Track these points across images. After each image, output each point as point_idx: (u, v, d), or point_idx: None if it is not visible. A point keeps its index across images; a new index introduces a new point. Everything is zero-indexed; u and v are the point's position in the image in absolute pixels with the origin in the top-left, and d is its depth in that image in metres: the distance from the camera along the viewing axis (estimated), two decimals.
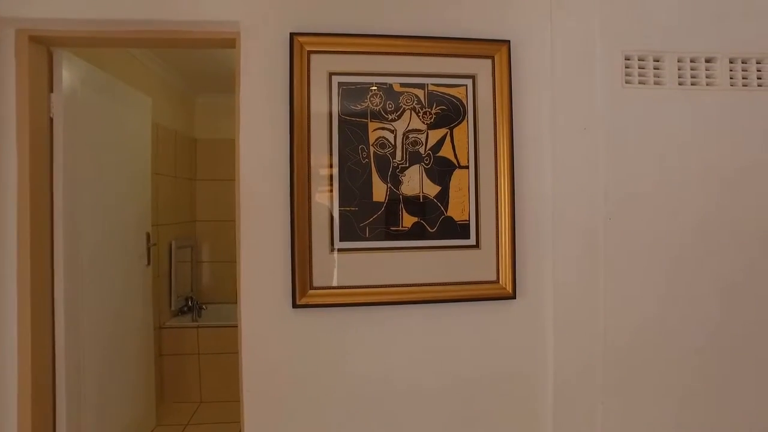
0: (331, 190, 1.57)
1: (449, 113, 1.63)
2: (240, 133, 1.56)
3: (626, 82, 1.68)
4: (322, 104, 1.57)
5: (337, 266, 1.57)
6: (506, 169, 1.63)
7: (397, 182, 1.60)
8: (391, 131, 1.60)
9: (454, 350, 1.64)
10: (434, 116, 1.62)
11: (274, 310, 1.56)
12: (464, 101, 1.63)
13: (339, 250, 1.57)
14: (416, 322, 1.62)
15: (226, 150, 3.97)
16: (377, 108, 1.60)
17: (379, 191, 1.60)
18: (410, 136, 1.61)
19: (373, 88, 1.59)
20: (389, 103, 1.60)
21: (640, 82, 1.69)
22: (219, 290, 3.99)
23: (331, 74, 1.58)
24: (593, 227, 1.66)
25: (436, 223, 1.62)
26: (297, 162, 1.54)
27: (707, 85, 1.73)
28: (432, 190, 1.62)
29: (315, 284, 1.56)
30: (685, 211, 1.70)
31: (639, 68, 1.70)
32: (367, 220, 1.59)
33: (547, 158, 1.67)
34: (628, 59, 1.69)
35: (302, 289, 1.54)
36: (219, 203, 4.02)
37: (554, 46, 1.67)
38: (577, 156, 1.66)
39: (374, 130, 1.60)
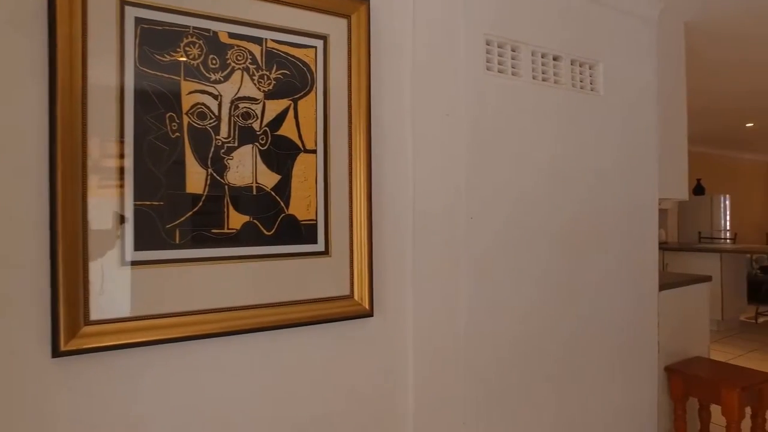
0: (122, 176, 1.06)
1: (293, 80, 1.26)
2: None
3: (487, 69, 1.54)
4: (109, 49, 1.05)
5: (131, 287, 1.07)
6: (363, 157, 1.33)
7: (221, 168, 1.17)
8: (215, 97, 1.17)
9: (299, 389, 1.27)
10: (274, 82, 1.23)
11: (16, 366, 0.97)
12: (313, 67, 1.28)
13: (134, 263, 1.08)
14: (249, 358, 1.20)
15: None
16: (195, 63, 1.14)
17: (196, 179, 1.15)
18: (241, 105, 1.20)
19: (190, 34, 1.13)
20: (213, 59, 1.16)
21: (499, 71, 1.57)
22: None
23: (123, 3, 1.07)
24: (454, 227, 1.47)
25: (274, 223, 1.24)
26: (61, 133, 0.99)
27: (555, 82, 1.70)
28: (269, 179, 1.23)
29: (93, 317, 1.03)
30: (534, 209, 1.65)
31: (498, 56, 1.57)
32: (178, 219, 1.13)
33: (408, 147, 1.42)
34: (489, 45, 1.55)
35: (71, 326, 1.00)
36: None
37: (417, 18, 1.42)
38: (439, 145, 1.45)
39: (190, 93, 1.14)
